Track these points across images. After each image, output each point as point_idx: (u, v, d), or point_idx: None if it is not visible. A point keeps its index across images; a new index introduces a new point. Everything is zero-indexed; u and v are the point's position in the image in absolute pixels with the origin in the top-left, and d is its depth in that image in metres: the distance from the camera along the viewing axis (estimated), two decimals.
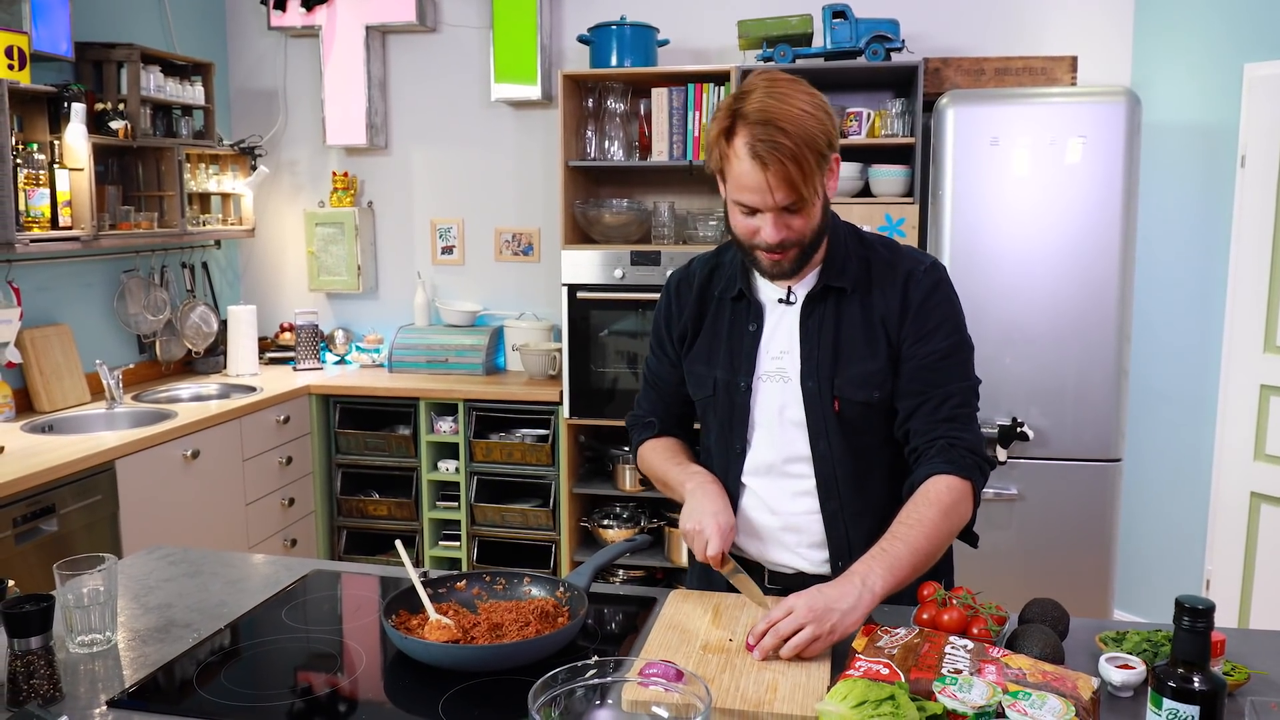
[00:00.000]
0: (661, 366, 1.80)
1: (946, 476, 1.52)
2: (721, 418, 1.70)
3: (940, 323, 1.58)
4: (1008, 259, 3.23)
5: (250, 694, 1.33)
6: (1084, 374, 3.23)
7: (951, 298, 1.62)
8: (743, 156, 1.45)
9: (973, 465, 1.54)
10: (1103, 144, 3.13)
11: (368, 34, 4.22)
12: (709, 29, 3.99)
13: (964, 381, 1.60)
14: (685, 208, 3.97)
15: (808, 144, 1.43)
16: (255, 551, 3.61)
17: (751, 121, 1.44)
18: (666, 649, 1.42)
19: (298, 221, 4.54)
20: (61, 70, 3.49)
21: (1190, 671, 0.94)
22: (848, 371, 1.59)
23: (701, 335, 1.72)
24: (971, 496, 1.55)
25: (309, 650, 1.48)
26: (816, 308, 1.62)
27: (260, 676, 1.40)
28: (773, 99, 1.44)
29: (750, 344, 1.65)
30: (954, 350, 1.59)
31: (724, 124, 1.48)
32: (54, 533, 2.74)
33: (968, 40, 3.81)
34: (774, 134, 1.42)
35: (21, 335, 3.32)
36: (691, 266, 1.77)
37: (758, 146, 1.43)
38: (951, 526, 1.51)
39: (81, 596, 1.45)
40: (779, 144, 1.42)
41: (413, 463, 4.01)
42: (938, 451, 1.54)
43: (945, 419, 1.56)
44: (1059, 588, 3.30)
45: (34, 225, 3.16)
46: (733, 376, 1.66)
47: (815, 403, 1.61)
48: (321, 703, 1.31)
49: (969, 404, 1.59)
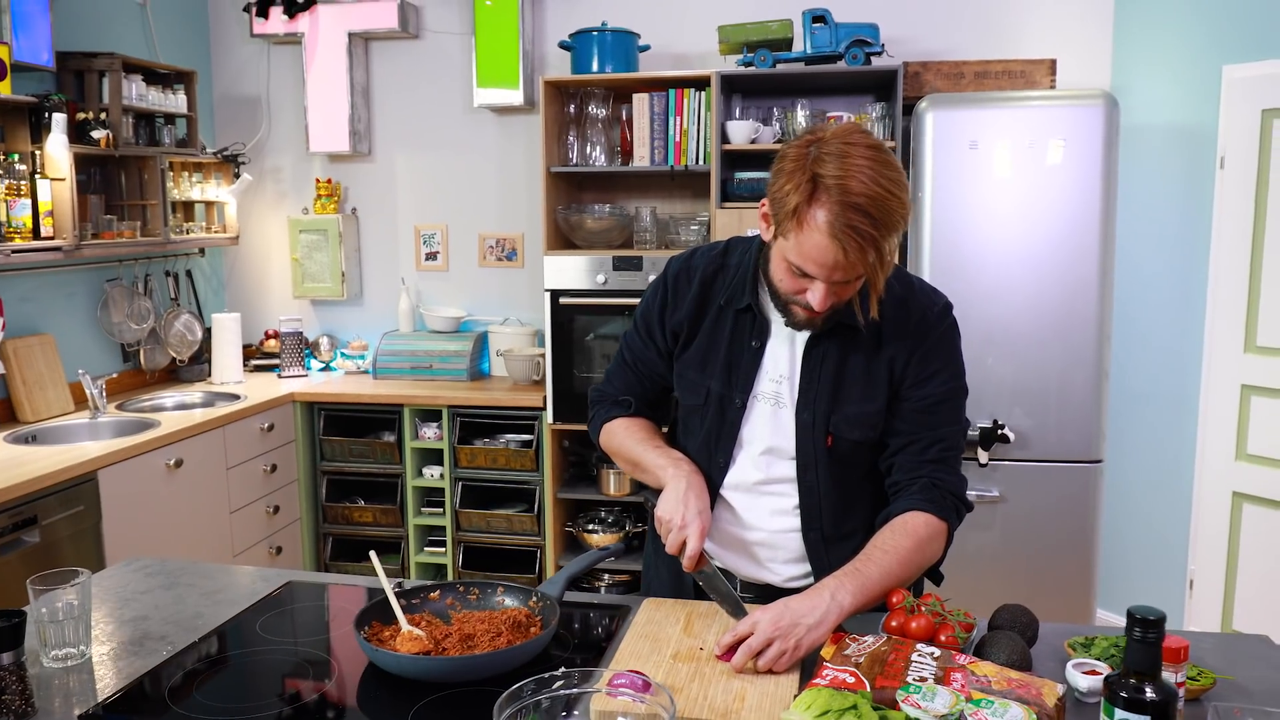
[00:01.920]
0: (648, 352, 1.74)
1: (925, 514, 1.53)
2: (709, 429, 1.67)
3: (941, 368, 1.59)
4: (987, 261, 3.25)
5: (222, 707, 1.34)
6: (1065, 375, 3.25)
7: (956, 343, 1.62)
8: (820, 230, 1.36)
9: (951, 508, 1.56)
10: (1081, 146, 3.15)
11: (350, 41, 4.23)
12: (689, 34, 4.00)
13: (954, 426, 1.60)
14: (667, 212, 3.98)
15: (891, 232, 1.37)
16: (240, 559, 3.62)
17: (838, 199, 1.34)
18: (637, 658, 1.43)
19: (282, 229, 4.54)
20: (43, 80, 3.48)
21: (1142, 681, 0.95)
22: (845, 409, 1.58)
23: (698, 339, 1.67)
24: (945, 537, 1.56)
25: (284, 662, 1.48)
26: (823, 340, 1.58)
27: (233, 689, 1.40)
28: (865, 177, 1.34)
29: (751, 361, 1.62)
30: (950, 395, 1.59)
31: (806, 190, 1.36)
32: (36, 544, 2.73)
33: (947, 44, 3.83)
34: (861, 221, 1.34)
35: (4, 345, 3.32)
36: (693, 260, 1.70)
37: (842, 229, 1.34)
38: (923, 560, 1.53)
39: (56, 611, 1.45)
40: (864, 232, 1.34)
41: (398, 469, 4.01)
42: (920, 489, 1.55)
43: (932, 460, 1.57)
44: (1041, 589, 3.32)
45: (15, 235, 3.16)
46: (728, 391, 1.63)
47: (808, 435, 1.60)
48: (290, 715, 1.32)
49: (957, 447, 1.60)
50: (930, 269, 3.27)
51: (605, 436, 1.79)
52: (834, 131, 1.41)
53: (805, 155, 1.39)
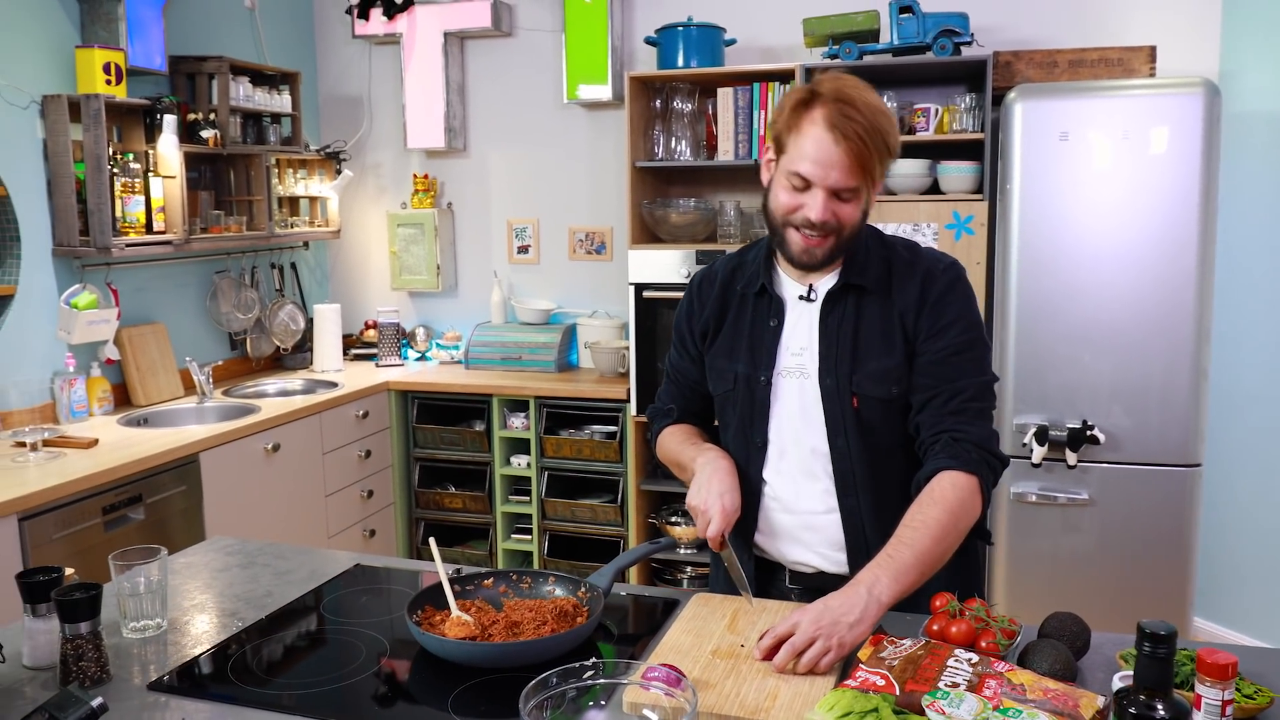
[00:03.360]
0: (683, 362, 1.83)
1: (951, 473, 1.52)
2: (742, 412, 1.71)
3: (955, 319, 1.59)
4: (1077, 256, 3.13)
5: (276, 681, 1.41)
6: (1161, 375, 3.11)
7: (968, 295, 1.63)
8: (818, 125, 1.50)
9: (978, 460, 1.53)
10: (1180, 137, 3.01)
11: (446, 40, 4.34)
12: (774, 27, 3.98)
13: (977, 377, 1.59)
14: (751, 206, 3.96)
15: (881, 134, 1.50)
16: (335, 541, 3.78)
17: (832, 99, 1.50)
18: (677, 653, 1.44)
19: (381, 223, 4.69)
20: (156, 83, 3.68)
21: (1152, 698, 0.92)
22: (865, 368, 1.61)
23: (724, 332, 1.74)
24: (979, 491, 1.53)
25: (342, 642, 1.55)
26: (836, 305, 1.63)
27: (290, 665, 1.48)
28: (853, 89, 1.51)
29: (771, 339, 1.67)
30: (967, 346, 1.59)
31: (801, 96, 1.53)
32: (141, 521, 2.91)
33: (1041, 32, 3.70)
34: (854, 113, 1.48)
35: (120, 334, 3.53)
36: (714, 266, 1.81)
37: (837, 119, 1.48)
38: (960, 525, 1.50)
39: (136, 585, 1.56)
40: (857, 122, 1.47)
41: (486, 457, 4.11)
42: (942, 446, 1.55)
43: (952, 412, 1.56)
44: (1134, 596, 3.19)
45: (129, 230, 3.36)
46: (753, 371, 1.68)
47: (834, 399, 1.62)
48: (341, 692, 1.38)
49: (980, 399, 1.58)
50: (1019, 262, 3.18)
51: (659, 448, 1.89)
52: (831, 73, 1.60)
53: (805, 85, 1.58)
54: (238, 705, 1.33)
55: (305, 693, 1.37)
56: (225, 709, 1.33)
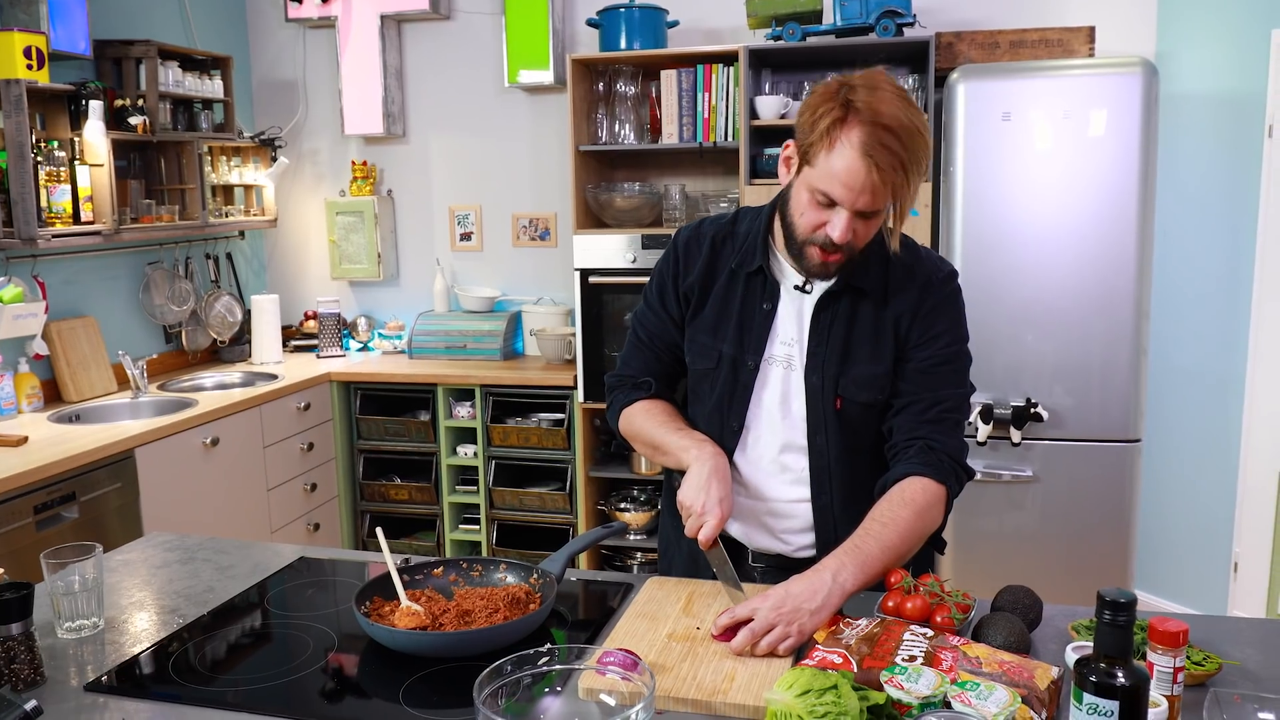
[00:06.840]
0: (660, 324, 1.72)
1: (923, 479, 1.51)
2: (721, 393, 1.66)
3: (945, 330, 1.59)
4: (1020, 236, 3.17)
5: (220, 679, 1.37)
6: (1101, 353, 3.17)
7: (960, 308, 1.63)
8: (853, 150, 1.39)
9: (949, 471, 1.54)
10: (1119, 117, 3.06)
11: (383, 23, 4.25)
12: (717, 8, 3.96)
13: (956, 390, 1.59)
14: (697, 189, 3.95)
15: (916, 163, 1.41)
16: (278, 535, 3.70)
17: (869, 120, 1.39)
18: (633, 637, 1.43)
19: (319, 211, 4.59)
20: (81, 68, 3.55)
21: (1112, 665, 0.92)
22: (853, 372, 1.59)
23: (709, 304, 1.67)
24: (944, 502, 1.54)
25: (288, 636, 1.51)
26: (832, 304, 1.60)
27: (234, 662, 1.43)
28: (890, 106, 1.39)
29: (763, 324, 1.63)
30: (954, 358, 1.59)
31: (837, 113, 1.41)
32: (75, 519, 2.81)
33: (982, 13, 3.73)
34: (891, 140, 1.38)
35: (48, 328, 3.41)
36: (702, 227, 1.71)
37: (873, 148, 1.38)
38: (924, 528, 1.51)
39: (71, 583, 1.50)
40: (894, 152, 1.38)
41: (432, 448, 4.05)
42: (916, 452, 1.54)
43: (930, 420, 1.56)
44: (1078, 570, 3.26)
45: (56, 220, 3.24)
46: (740, 353, 1.64)
47: (817, 398, 1.60)
48: (288, 687, 1.34)
49: (958, 410, 1.59)
50: (962, 243, 3.21)
51: (624, 421, 1.78)
52: (862, 73, 1.46)
53: (836, 89, 1.44)
54: (180, 704, 1.29)
55: (251, 689, 1.33)
56: (167, 708, 1.28)
